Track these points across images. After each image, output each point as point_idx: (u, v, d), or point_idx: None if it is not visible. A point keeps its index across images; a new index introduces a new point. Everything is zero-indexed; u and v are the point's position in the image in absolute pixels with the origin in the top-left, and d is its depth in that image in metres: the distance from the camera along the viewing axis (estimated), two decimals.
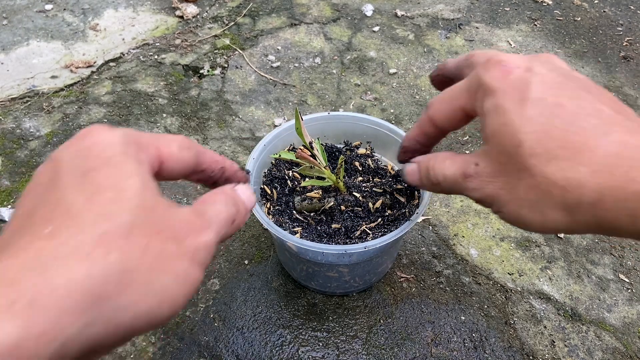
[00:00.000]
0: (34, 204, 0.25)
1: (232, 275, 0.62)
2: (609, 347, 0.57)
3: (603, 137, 0.28)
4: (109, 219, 0.24)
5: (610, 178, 0.27)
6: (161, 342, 0.56)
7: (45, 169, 0.27)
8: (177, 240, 0.26)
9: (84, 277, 0.22)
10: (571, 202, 0.29)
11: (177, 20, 1.09)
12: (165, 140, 0.31)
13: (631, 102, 0.92)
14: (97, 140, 0.28)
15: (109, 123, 0.84)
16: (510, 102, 0.31)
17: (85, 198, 0.24)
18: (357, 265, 0.52)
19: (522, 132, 0.30)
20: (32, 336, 0.20)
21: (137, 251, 0.24)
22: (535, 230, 0.32)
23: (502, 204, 0.33)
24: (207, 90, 0.91)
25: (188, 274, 0.26)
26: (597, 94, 0.31)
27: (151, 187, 0.27)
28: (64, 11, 1.09)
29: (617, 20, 1.13)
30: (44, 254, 0.22)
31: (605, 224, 0.28)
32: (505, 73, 0.33)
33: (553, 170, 0.29)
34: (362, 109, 0.88)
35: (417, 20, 1.10)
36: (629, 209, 0.26)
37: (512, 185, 0.32)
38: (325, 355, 0.55)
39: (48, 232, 0.23)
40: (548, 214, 0.30)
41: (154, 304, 0.24)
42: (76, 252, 0.22)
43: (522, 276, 0.64)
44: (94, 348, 0.23)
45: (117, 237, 0.23)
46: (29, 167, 0.75)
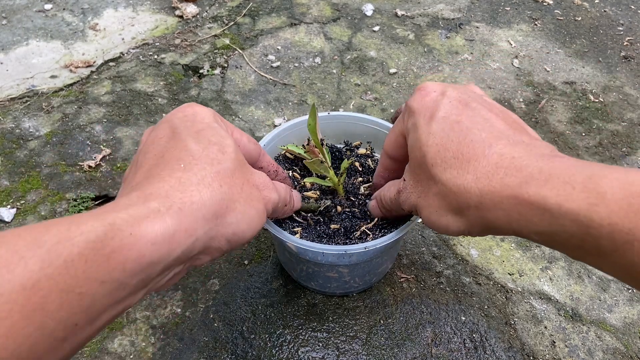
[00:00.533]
0: (161, 149, 0.34)
1: (232, 276, 0.62)
2: (609, 347, 0.57)
3: (487, 149, 0.33)
4: (218, 163, 0.33)
5: (489, 184, 0.31)
6: (161, 343, 0.56)
7: (162, 128, 0.36)
8: (258, 189, 0.37)
9: (208, 198, 0.31)
10: (462, 205, 0.33)
11: (176, 20, 1.09)
12: (239, 131, 0.41)
13: (632, 102, 0.92)
14: (196, 110, 0.37)
15: (109, 123, 0.83)
16: (422, 120, 0.37)
17: (202, 147, 0.34)
18: (357, 266, 0.52)
19: (427, 145, 0.35)
20: (181, 230, 0.29)
21: (237, 188, 0.34)
22: (445, 233, 0.37)
23: (420, 210, 0.38)
24: (206, 90, 0.91)
25: (262, 212, 0.36)
26: (497, 113, 0.36)
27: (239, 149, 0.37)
28: (64, 11, 1.09)
29: (618, 20, 1.13)
30: (182, 181, 0.31)
31: (489, 224, 0.32)
32: (423, 96, 0.38)
33: (448, 177, 0.34)
34: (362, 108, 0.88)
35: (418, 20, 1.10)
36: (504, 210, 0.31)
37: (425, 194, 0.37)
38: (325, 355, 0.55)
39: (182, 166, 0.32)
40: (448, 217, 0.35)
41: (245, 226, 0.34)
42: (202, 181, 0.31)
43: (523, 276, 0.64)
44: (205, 249, 0.32)
45: (225, 175, 0.33)
46: (29, 167, 0.75)
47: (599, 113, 0.89)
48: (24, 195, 0.71)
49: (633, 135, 0.85)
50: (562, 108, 0.90)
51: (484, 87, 0.94)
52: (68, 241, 0.24)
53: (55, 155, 0.77)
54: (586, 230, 0.26)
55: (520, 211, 0.30)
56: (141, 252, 0.26)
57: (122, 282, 0.26)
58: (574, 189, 0.27)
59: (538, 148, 0.32)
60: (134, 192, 0.30)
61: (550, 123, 0.87)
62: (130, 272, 0.26)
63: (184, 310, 0.58)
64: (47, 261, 0.23)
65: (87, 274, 0.24)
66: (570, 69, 0.99)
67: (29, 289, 0.22)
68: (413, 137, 0.38)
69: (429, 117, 0.37)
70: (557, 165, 0.29)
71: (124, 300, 0.27)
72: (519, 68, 0.99)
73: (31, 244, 0.23)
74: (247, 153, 0.42)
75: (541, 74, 0.97)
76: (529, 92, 0.93)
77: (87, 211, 0.27)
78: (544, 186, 0.28)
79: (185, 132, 0.35)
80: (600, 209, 0.26)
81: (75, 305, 0.24)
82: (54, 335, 0.23)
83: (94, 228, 0.25)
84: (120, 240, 0.26)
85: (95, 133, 0.81)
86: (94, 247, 0.25)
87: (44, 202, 0.70)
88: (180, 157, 0.33)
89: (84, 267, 0.24)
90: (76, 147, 0.79)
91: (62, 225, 0.25)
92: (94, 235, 0.25)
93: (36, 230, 0.24)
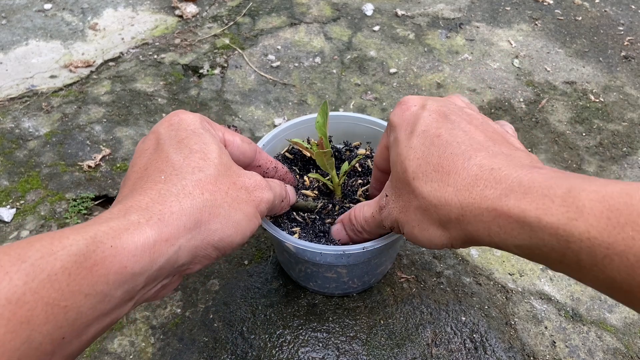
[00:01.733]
0: (146, 162, 0.35)
1: (231, 276, 0.62)
2: (610, 347, 0.57)
3: (467, 161, 0.33)
4: (200, 170, 0.33)
5: (469, 196, 0.31)
6: (160, 343, 0.55)
7: (149, 139, 0.37)
8: (247, 191, 0.36)
9: (189, 206, 0.31)
10: (443, 218, 0.33)
11: (176, 19, 1.08)
12: (232, 132, 0.41)
13: (632, 102, 0.91)
14: (181, 117, 0.38)
15: (108, 123, 0.83)
16: (403, 134, 0.37)
17: (183, 157, 0.34)
18: (356, 266, 0.52)
19: (407, 159, 0.35)
20: (162, 239, 0.29)
21: (221, 193, 0.34)
22: (429, 247, 0.36)
23: (402, 226, 0.38)
24: (206, 90, 0.91)
25: (252, 215, 0.36)
26: (477, 125, 0.36)
27: (225, 152, 0.37)
28: (63, 11, 1.09)
29: (618, 20, 1.13)
30: (162, 192, 0.31)
31: (470, 237, 0.32)
32: (404, 110, 0.38)
33: (428, 190, 0.34)
34: (363, 108, 0.88)
35: (418, 20, 1.10)
36: (483, 222, 0.30)
37: (406, 208, 0.37)
38: (325, 355, 0.55)
39: (163, 178, 0.32)
40: (430, 231, 0.35)
41: (232, 231, 0.34)
42: (182, 191, 0.32)
43: (523, 276, 0.63)
44: (193, 258, 0.32)
45: (207, 182, 0.33)
46: (28, 167, 0.75)
47: (600, 113, 0.89)
48: (24, 195, 0.71)
49: (634, 135, 0.85)
50: (563, 108, 0.90)
51: (484, 87, 0.94)
52: (51, 255, 0.25)
53: (55, 155, 0.77)
54: (566, 245, 0.26)
55: (499, 224, 0.29)
56: (122, 263, 0.27)
57: (107, 294, 0.26)
58: (553, 202, 0.27)
59: (518, 159, 0.32)
60: (116, 206, 0.31)
61: (551, 123, 0.87)
62: (114, 283, 0.26)
63: (183, 310, 0.58)
64: (32, 275, 0.24)
65: (71, 287, 0.25)
66: (570, 69, 0.99)
67: (14, 303, 0.23)
68: (394, 151, 0.38)
69: (409, 131, 0.37)
70: (536, 177, 0.29)
71: (111, 312, 0.28)
72: (519, 68, 0.99)
73: (15, 260, 0.24)
74: (242, 153, 0.42)
75: (541, 74, 0.97)
76: (529, 92, 0.93)
77: (70, 226, 0.28)
78: (522, 199, 0.28)
79: (168, 142, 0.36)
80: (580, 223, 0.25)
81: (61, 318, 0.24)
82: (41, 348, 0.24)
83: (75, 242, 0.26)
84: (102, 252, 0.26)
85: (95, 133, 0.81)
86: (77, 260, 0.25)
87: (43, 202, 0.70)
88: (162, 168, 0.33)
89: (68, 281, 0.24)
90: (76, 147, 0.79)
91: (45, 241, 0.25)
92: (76, 249, 0.25)
93: (20, 247, 0.25)
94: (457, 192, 0.32)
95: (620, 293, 0.25)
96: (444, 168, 0.33)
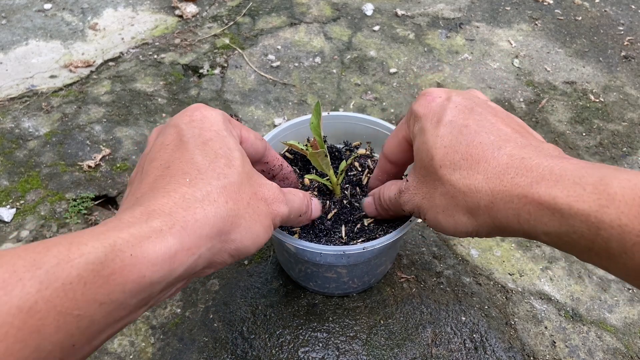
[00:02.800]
0: (167, 159, 0.34)
1: (231, 276, 0.62)
2: (609, 347, 0.57)
3: (497, 151, 0.33)
4: (225, 177, 0.33)
5: (500, 184, 0.32)
6: (160, 343, 0.55)
7: (169, 133, 0.35)
8: (266, 203, 0.36)
9: (212, 215, 0.30)
10: (472, 205, 0.34)
11: (176, 19, 1.08)
12: (246, 128, 0.41)
13: (632, 102, 0.91)
14: (204, 115, 0.36)
15: (108, 123, 0.83)
16: (429, 124, 0.37)
17: (209, 161, 0.33)
18: (356, 267, 0.52)
19: (435, 148, 0.36)
20: (183, 248, 0.28)
21: (244, 203, 0.33)
22: (451, 234, 0.37)
23: (424, 212, 0.38)
24: (206, 89, 0.91)
25: (269, 228, 0.36)
26: (503, 118, 0.37)
27: (247, 159, 0.37)
28: (63, 10, 1.09)
29: (618, 20, 1.13)
30: (187, 197, 0.30)
31: (499, 224, 0.33)
32: (429, 101, 0.39)
33: (457, 178, 0.34)
34: (362, 108, 0.87)
35: (418, 20, 1.10)
36: (514, 209, 0.31)
37: (430, 195, 0.37)
38: (325, 355, 0.55)
39: (188, 181, 0.31)
40: (457, 217, 0.35)
41: (249, 242, 0.34)
42: (207, 197, 0.31)
43: (523, 276, 0.63)
44: (209, 265, 0.32)
45: (232, 191, 0.33)
46: (28, 167, 0.75)
47: (600, 113, 0.89)
48: (24, 195, 0.71)
49: (633, 135, 0.85)
50: (563, 108, 0.90)
51: (484, 87, 0.94)
52: (67, 263, 0.24)
53: (55, 155, 0.77)
54: (596, 232, 0.26)
55: (530, 211, 0.30)
56: (141, 272, 0.26)
57: (122, 302, 0.26)
58: (585, 190, 0.27)
59: (546, 150, 0.33)
60: (138, 207, 0.29)
61: (551, 123, 0.87)
62: (130, 292, 0.26)
63: (183, 310, 0.58)
64: (45, 283, 0.23)
65: (85, 296, 0.24)
66: (570, 69, 0.99)
67: (26, 312, 0.22)
68: (420, 140, 0.38)
69: (436, 121, 0.37)
70: (568, 166, 0.29)
71: (124, 319, 0.27)
72: (519, 68, 0.98)
73: (30, 265, 0.23)
74: (255, 150, 0.42)
75: (541, 74, 0.97)
76: (530, 92, 0.93)
77: (90, 228, 0.27)
78: (554, 186, 0.29)
79: (192, 141, 0.34)
80: (611, 210, 0.26)
81: (73, 327, 0.24)
82: (50, 357, 0.23)
83: (94, 249, 0.25)
84: (121, 261, 0.25)
85: (95, 133, 0.81)
86: (94, 269, 0.24)
87: (43, 202, 0.70)
88: (186, 170, 0.32)
89: (83, 290, 0.24)
90: (76, 147, 0.79)
91: (63, 246, 0.25)
92: (94, 257, 0.25)
93: (36, 251, 0.24)
94: (487, 179, 0.32)
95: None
96: (473, 157, 0.34)
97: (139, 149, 0.79)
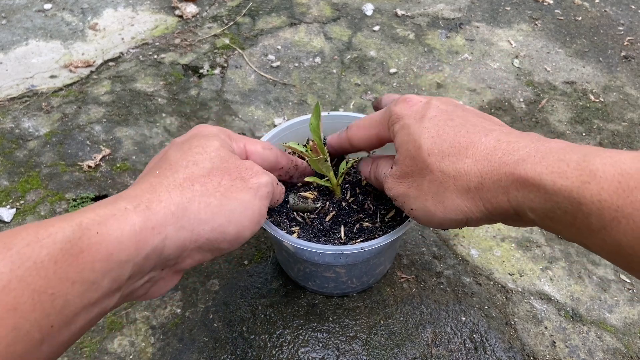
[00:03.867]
0: (150, 166, 0.37)
1: (231, 276, 0.62)
2: (609, 347, 0.57)
3: (484, 137, 0.35)
4: (194, 164, 0.34)
5: (488, 164, 0.33)
6: (160, 343, 0.55)
7: (164, 148, 0.38)
8: (243, 179, 0.36)
9: (177, 196, 0.32)
10: (461, 188, 0.35)
11: (176, 19, 1.08)
12: (252, 140, 0.42)
13: (632, 102, 0.91)
14: (202, 129, 0.39)
15: (108, 123, 0.83)
16: (412, 120, 0.39)
17: (181, 154, 0.35)
18: (355, 266, 0.52)
19: (422, 138, 0.37)
20: (148, 227, 0.29)
21: (213, 184, 0.34)
22: (438, 223, 0.38)
23: (411, 200, 0.39)
24: (206, 90, 0.91)
25: (250, 202, 0.36)
26: (483, 116, 0.39)
27: (227, 146, 0.38)
28: (63, 11, 1.09)
29: (618, 20, 1.13)
30: (153, 184, 0.32)
31: (489, 205, 0.33)
32: (410, 105, 0.40)
33: (446, 164, 0.35)
34: (363, 108, 0.87)
35: (418, 20, 1.10)
36: (502, 188, 0.32)
37: (418, 183, 0.38)
38: (325, 356, 0.55)
39: (158, 173, 0.34)
40: (446, 203, 0.36)
41: (224, 222, 0.34)
42: (173, 183, 0.33)
43: (523, 277, 0.63)
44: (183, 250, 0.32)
45: (199, 175, 0.34)
46: (28, 167, 0.75)
47: (600, 113, 0.89)
48: (24, 195, 0.71)
49: (633, 135, 0.85)
50: (563, 108, 0.90)
51: (484, 87, 0.94)
52: (37, 243, 0.25)
53: (55, 155, 0.77)
54: (578, 207, 0.27)
55: (517, 187, 0.31)
56: (108, 250, 0.27)
57: (93, 281, 0.26)
58: (568, 166, 0.28)
59: (531, 135, 0.34)
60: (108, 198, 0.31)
61: (551, 123, 0.87)
62: (100, 271, 0.27)
63: (183, 310, 0.58)
64: (17, 263, 0.24)
65: (57, 274, 0.25)
66: (570, 69, 0.99)
67: (0, 290, 0.23)
68: (404, 133, 0.39)
69: (419, 117, 0.38)
70: (553, 145, 0.31)
71: (99, 302, 0.28)
72: (519, 68, 0.98)
73: (1, 248, 0.24)
74: (265, 160, 0.43)
75: (541, 74, 0.97)
76: (530, 92, 0.93)
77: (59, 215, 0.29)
78: (539, 163, 0.30)
79: (174, 146, 0.37)
80: (592, 186, 0.26)
81: (48, 306, 0.24)
82: (29, 336, 0.24)
83: (61, 229, 0.26)
84: (88, 239, 0.26)
85: (95, 133, 0.81)
86: (63, 247, 0.25)
87: (43, 202, 0.70)
88: (159, 166, 0.35)
89: (54, 268, 0.25)
90: (76, 147, 0.79)
91: (31, 229, 0.26)
92: (62, 236, 0.26)
93: (6, 235, 0.25)
94: (476, 162, 0.34)
95: (625, 258, 0.26)
96: (461, 144, 0.35)
97: (139, 149, 0.79)
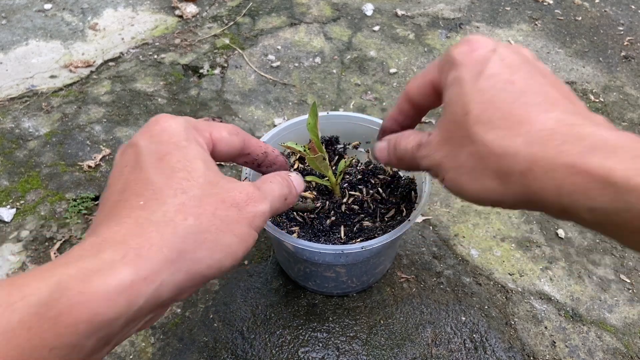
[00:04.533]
0: (124, 183, 0.31)
1: (231, 276, 0.62)
2: (609, 347, 0.57)
3: (543, 114, 0.30)
4: (183, 192, 0.30)
5: (542, 149, 0.28)
6: (161, 343, 0.55)
7: (128, 153, 0.33)
8: (238, 207, 0.33)
9: (170, 236, 0.28)
10: (504, 169, 0.30)
11: (176, 19, 1.09)
12: (217, 127, 0.37)
13: (632, 102, 0.91)
14: (164, 126, 0.34)
15: (108, 123, 0.83)
16: (468, 74, 0.33)
17: (165, 177, 0.31)
18: (354, 266, 0.52)
19: (472, 102, 0.32)
20: (140, 278, 0.26)
21: (207, 216, 0.30)
22: (471, 199, 0.33)
23: (445, 171, 0.35)
24: (206, 90, 0.91)
25: (246, 235, 0.33)
26: (551, 80, 0.33)
27: (212, 166, 0.34)
28: (63, 11, 1.09)
29: (618, 20, 1.13)
30: (140, 221, 0.28)
31: (532, 194, 0.29)
32: (471, 50, 0.34)
33: (492, 138, 0.31)
34: (362, 108, 0.88)
35: (418, 20, 1.10)
36: (555, 179, 0.28)
37: (455, 153, 0.33)
38: (325, 355, 0.55)
39: (142, 204, 0.29)
40: (483, 181, 0.32)
41: (221, 257, 0.31)
42: (163, 218, 0.28)
43: (523, 276, 0.63)
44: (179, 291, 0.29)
45: (191, 206, 0.30)
46: (28, 167, 0.75)
47: (599, 113, 0.89)
48: (24, 195, 0.71)
49: None
50: None
51: None
52: (7, 308, 0.22)
53: (55, 155, 0.77)
54: None
55: (576, 182, 0.27)
56: (94, 310, 0.24)
57: (76, 345, 0.24)
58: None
59: (598, 120, 0.30)
60: (89, 237, 0.27)
61: None
62: (85, 333, 0.24)
63: (183, 310, 0.58)
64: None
65: (32, 342, 0.22)
66: (570, 69, 0.99)
67: None
68: (454, 91, 0.34)
69: (477, 72, 0.33)
70: (624, 138, 0.27)
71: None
72: None
73: None
74: (231, 146, 0.38)
75: None
76: None
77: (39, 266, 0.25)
78: (610, 158, 0.26)
79: (148, 159, 0.32)
80: None
81: None
82: None
83: (37, 290, 0.23)
84: (68, 300, 0.23)
85: (95, 133, 0.81)
86: (38, 312, 0.23)
87: (43, 202, 0.70)
88: (141, 192, 0.30)
89: (28, 336, 0.22)
90: (76, 147, 0.79)
91: (4, 290, 0.23)
92: (36, 299, 0.23)
93: None
94: (528, 143, 0.29)
95: None
96: (514, 117, 0.30)
97: None
